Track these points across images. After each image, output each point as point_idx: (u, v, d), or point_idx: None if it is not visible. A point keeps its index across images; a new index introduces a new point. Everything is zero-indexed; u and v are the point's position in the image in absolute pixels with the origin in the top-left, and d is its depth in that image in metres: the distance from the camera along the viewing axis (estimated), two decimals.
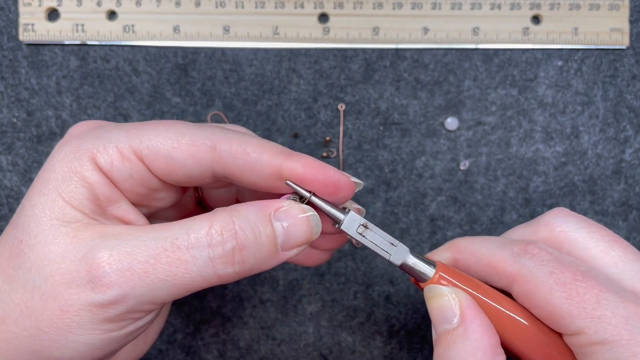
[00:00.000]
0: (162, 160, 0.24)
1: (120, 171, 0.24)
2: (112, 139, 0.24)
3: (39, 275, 0.22)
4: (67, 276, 0.22)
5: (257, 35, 0.40)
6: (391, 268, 0.41)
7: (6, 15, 0.40)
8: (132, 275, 0.22)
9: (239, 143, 0.24)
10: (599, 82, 0.41)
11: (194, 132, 0.24)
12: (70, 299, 0.22)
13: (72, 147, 0.24)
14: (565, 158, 0.41)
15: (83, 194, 0.23)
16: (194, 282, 0.22)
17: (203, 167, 0.24)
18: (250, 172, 0.24)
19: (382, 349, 0.41)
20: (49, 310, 0.22)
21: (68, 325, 0.22)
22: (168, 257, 0.22)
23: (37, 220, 0.23)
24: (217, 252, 0.22)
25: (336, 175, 0.25)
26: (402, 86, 0.41)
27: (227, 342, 0.41)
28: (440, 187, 0.41)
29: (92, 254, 0.22)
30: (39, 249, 0.23)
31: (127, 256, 0.22)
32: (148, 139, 0.24)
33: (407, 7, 0.41)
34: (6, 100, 0.40)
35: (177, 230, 0.23)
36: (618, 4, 0.41)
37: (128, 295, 0.22)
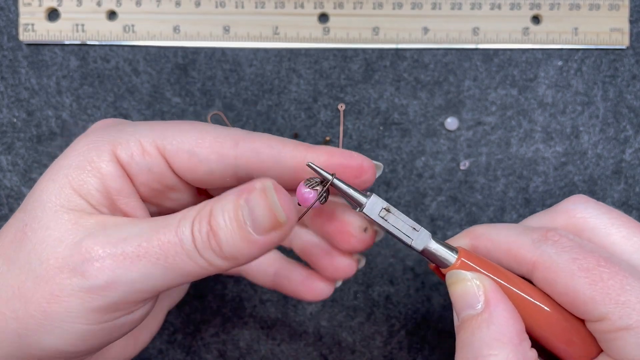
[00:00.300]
0: (185, 156, 0.24)
1: (139, 164, 0.24)
2: (136, 133, 0.24)
3: (36, 258, 0.22)
4: (61, 260, 0.22)
5: (257, 35, 0.40)
6: (391, 268, 0.41)
7: (6, 15, 0.41)
8: (125, 259, 0.21)
9: (261, 139, 0.24)
10: (599, 82, 0.41)
11: (217, 130, 0.24)
12: (62, 283, 0.22)
13: (93, 138, 0.24)
14: (565, 158, 0.41)
15: (92, 184, 0.23)
16: (186, 266, 0.22)
17: (226, 164, 0.24)
18: (275, 166, 0.24)
19: (382, 349, 0.41)
20: (39, 294, 0.22)
21: (56, 311, 0.22)
22: (160, 239, 0.22)
23: (43, 206, 0.23)
24: (197, 236, 0.22)
25: (359, 159, 0.25)
26: (402, 86, 0.41)
27: (227, 342, 0.41)
28: (440, 187, 0.41)
29: (88, 239, 0.22)
30: (41, 233, 0.23)
31: (121, 241, 0.22)
32: (172, 134, 0.24)
33: (407, 7, 0.41)
34: (6, 100, 0.40)
35: (174, 216, 0.23)
36: (618, 4, 0.41)
37: (119, 281, 0.22)
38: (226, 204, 0.22)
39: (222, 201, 0.22)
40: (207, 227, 0.22)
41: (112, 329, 0.23)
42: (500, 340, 0.23)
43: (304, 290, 0.30)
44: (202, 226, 0.22)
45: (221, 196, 0.23)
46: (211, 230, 0.22)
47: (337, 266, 0.28)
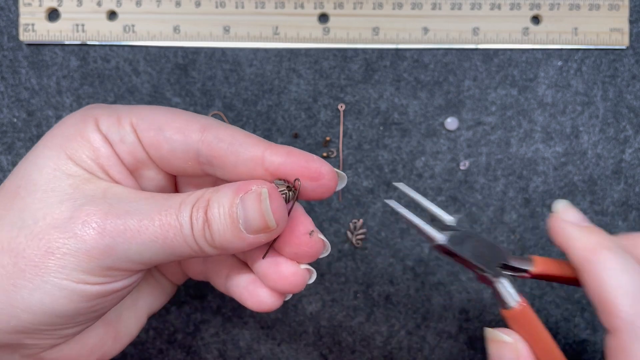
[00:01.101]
0: (152, 133, 0.25)
1: (113, 135, 0.25)
2: (117, 110, 0.26)
3: (30, 216, 0.23)
4: (60, 220, 0.23)
5: (257, 35, 0.40)
6: (391, 268, 0.41)
7: (6, 15, 0.41)
8: (126, 231, 0.23)
9: (227, 129, 0.25)
10: (599, 82, 0.41)
11: (190, 115, 0.26)
12: (59, 242, 0.23)
13: (80, 113, 0.26)
14: (565, 158, 0.41)
15: (86, 153, 0.25)
16: (181, 247, 0.24)
17: (189, 146, 0.25)
18: (234, 155, 0.25)
19: (382, 349, 0.41)
20: (31, 249, 0.23)
21: (48, 267, 0.22)
22: (161, 221, 0.23)
23: (40, 170, 0.24)
24: (194, 224, 0.23)
25: (317, 164, 0.25)
26: (402, 86, 0.41)
27: (227, 342, 0.41)
28: (440, 187, 0.41)
29: (90, 205, 0.23)
30: (37, 194, 0.24)
31: (124, 214, 0.23)
32: (146, 113, 0.26)
33: (407, 7, 0.41)
34: (6, 100, 0.40)
35: (174, 200, 0.24)
36: (618, 4, 0.41)
37: (117, 249, 0.23)
38: (223, 198, 0.23)
39: (219, 193, 0.24)
40: (203, 216, 0.23)
41: (99, 294, 0.24)
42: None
43: (247, 297, 0.28)
44: (199, 214, 0.23)
45: (220, 188, 0.24)
46: (206, 220, 0.23)
47: (282, 274, 0.27)
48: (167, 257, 0.24)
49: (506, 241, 0.41)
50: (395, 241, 0.41)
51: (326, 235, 0.40)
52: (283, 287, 0.27)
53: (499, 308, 0.27)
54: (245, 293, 0.28)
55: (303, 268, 0.27)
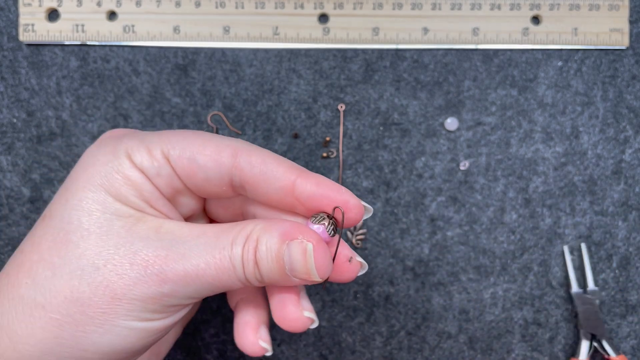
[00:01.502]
0: (186, 161, 0.25)
1: (150, 169, 0.25)
2: (145, 140, 0.26)
3: (90, 264, 0.23)
4: (121, 267, 0.23)
5: (257, 35, 0.40)
6: (391, 268, 0.41)
7: (6, 16, 0.41)
8: (186, 276, 0.24)
9: (259, 154, 0.25)
10: (599, 82, 0.41)
11: (219, 140, 0.26)
12: (123, 288, 0.23)
13: (111, 147, 0.26)
14: (565, 158, 0.41)
15: (129, 191, 0.25)
16: (233, 285, 0.25)
17: (222, 172, 0.25)
18: (265, 183, 0.25)
19: (382, 349, 0.41)
20: (97, 297, 0.23)
21: (116, 312, 0.23)
22: (216, 264, 0.24)
23: (89, 214, 0.24)
24: (246, 265, 0.24)
25: (346, 196, 0.26)
26: (402, 86, 0.41)
27: (227, 342, 0.41)
28: (440, 187, 0.41)
29: (148, 249, 0.24)
30: (92, 239, 0.24)
31: (181, 257, 0.24)
32: (176, 141, 0.25)
33: (407, 7, 0.41)
34: (6, 101, 0.40)
35: (224, 239, 0.25)
36: (618, 4, 0.41)
37: (178, 291, 0.24)
38: (270, 240, 0.24)
39: (267, 234, 0.24)
40: (253, 258, 0.24)
41: (165, 328, 0.25)
42: None
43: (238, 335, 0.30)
44: (249, 256, 0.24)
45: (267, 226, 0.25)
46: (255, 261, 0.24)
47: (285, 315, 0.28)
48: (221, 290, 0.25)
49: (506, 241, 0.41)
50: (395, 241, 0.41)
51: None
52: (284, 326, 0.29)
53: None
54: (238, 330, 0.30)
55: (306, 316, 0.28)
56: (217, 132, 0.40)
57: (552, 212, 0.41)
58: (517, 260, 0.41)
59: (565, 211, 0.41)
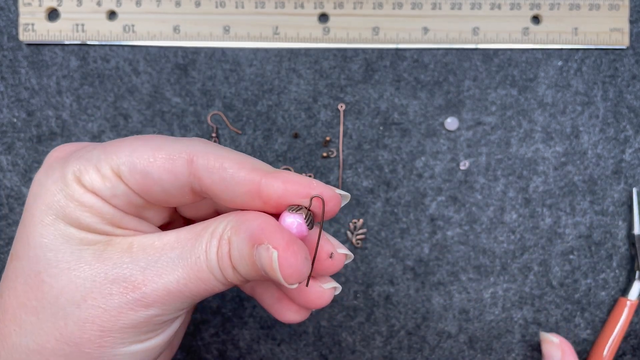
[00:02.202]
0: (139, 177, 0.23)
1: (103, 191, 0.23)
2: (92, 159, 0.23)
3: (69, 302, 0.22)
4: (102, 299, 0.22)
5: (257, 35, 0.40)
6: (391, 268, 0.41)
7: (6, 15, 0.41)
8: (169, 294, 0.23)
9: (216, 157, 0.23)
10: (599, 82, 0.41)
11: (171, 146, 0.23)
12: (110, 320, 0.22)
13: (58, 172, 0.24)
14: (565, 158, 0.41)
15: (88, 217, 0.23)
16: (220, 289, 0.24)
17: (180, 182, 0.23)
18: (228, 189, 0.23)
19: (382, 349, 0.41)
20: (88, 334, 0.22)
21: (111, 343, 0.23)
22: (196, 277, 0.23)
23: (55, 250, 0.23)
24: (225, 271, 0.23)
25: (320, 188, 0.24)
26: (402, 86, 0.41)
27: (227, 342, 0.41)
28: (440, 187, 0.41)
29: (124, 274, 0.22)
30: (64, 276, 0.22)
31: (159, 276, 0.23)
32: (124, 155, 0.23)
33: (407, 7, 0.41)
34: (6, 100, 0.40)
35: (198, 248, 0.23)
36: (618, 4, 0.41)
37: (166, 308, 0.23)
38: (241, 245, 0.23)
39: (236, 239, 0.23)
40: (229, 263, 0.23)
41: (165, 341, 0.25)
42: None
43: (275, 314, 0.29)
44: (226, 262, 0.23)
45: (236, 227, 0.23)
46: (232, 266, 0.23)
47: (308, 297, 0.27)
48: (210, 295, 0.24)
49: (506, 241, 0.41)
50: (395, 241, 0.41)
51: None
52: (311, 307, 0.27)
53: None
54: (273, 311, 0.29)
55: (327, 287, 0.26)
56: (217, 131, 0.40)
57: (552, 211, 0.41)
58: (517, 260, 0.41)
59: (566, 211, 0.41)
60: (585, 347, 0.41)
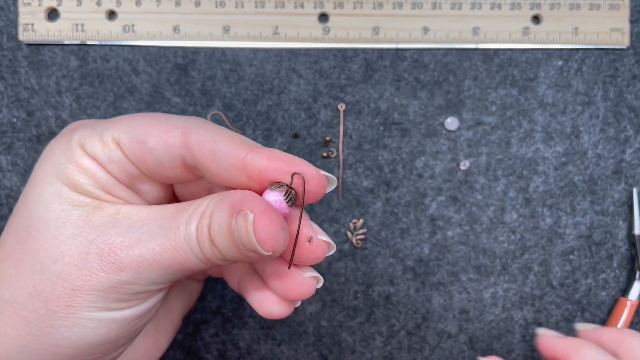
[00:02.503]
0: (135, 145, 0.24)
1: (101, 156, 0.24)
2: (97, 128, 0.25)
3: (48, 257, 0.23)
4: (78, 258, 0.23)
5: (257, 35, 0.40)
6: (391, 268, 0.41)
7: (6, 15, 0.40)
8: (143, 261, 0.23)
9: (209, 132, 0.24)
10: (599, 82, 0.41)
11: (168, 119, 0.25)
12: (81, 279, 0.23)
13: (64, 139, 0.25)
14: (565, 158, 0.41)
15: (84, 180, 0.24)
16: (196, 266, 0.24)
17: (173, 153, 0.24)
18: (216, 162, 0.24)
19: (382, 349, 0.41)
20: (58, 290, 0.23)
21: (79, 304, 0.23)
22: (172, 246, 0.23)
23: (46, 206, 0.24)
24: (202, 244, 0.23)
25: (302, 166, 0.24)
26: (402, 86, 0.41)
27: (227, 342, 0.41)
28: (440, 187, 0.41)
29: (104, 237, 0.23)
30: (49, 232, 0.23)
31: (136, 242, 0.23)
32: (126, 125, 0.25)
33: (407, 7, 0.41)
34: (6, 100, 0.40)
35: (180, 218, 0.24)
36: (618, 3, 0.41)
37: (139, 277, 0.23)
38: (221, 216, 0.23)
39: (218, 210, 0.23)
40: (208, 236, 0.23)
41: (135, 316, 0.25)
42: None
43: (257, 307, 0.28)
44: (205, 234, 0.23)
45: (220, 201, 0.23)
46: (211, 239, 0.23)
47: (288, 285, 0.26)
48: (188, 273, 0.24)
49: (506, 241, 0.41)
50: (395, 241, 0.41)
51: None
52: (291, 297, 0.27)
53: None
54: (255, 302, 0.28)
55: (308, 277, 0.26)
56: None
57: (553, 211, 0.41)
58: (517, 260, 0.41)
59: (566, 211, 0.41)
60: None
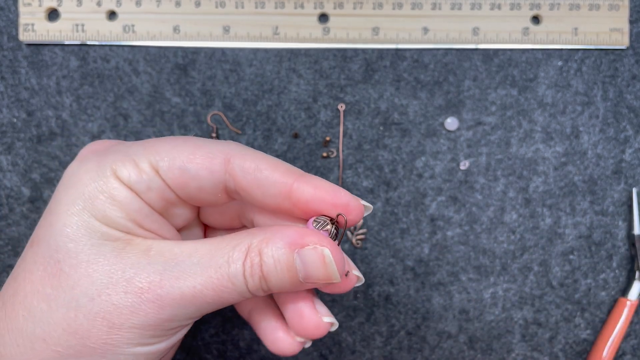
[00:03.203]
0: (177, 172, 0.24)
1: (139, 184, 0.24)
2: (130, 152, 0.24)
3: (83, 295, 0.23)
4: (116, 297, 0.22)
5: (257, 35, 0.40)
6: (391, 268, 0.41)
7: (6, 15, 0.41)
8: (183, 299, 0.23)
9: (253, 159, 0.24)
10: (599, 82, 0.41)
11: (209, 145, 0.25)
12: (121, 318, 0.22)
13: (94, 164, 0.24)
14: (565, 158, 0.41)
15: (115, 212, 0.24)
16: (234, 300, 0.24)
17: (216, 180, 0.24)
18: (261, 190, 0.24)
19: (382, 349, 0.41)
20: (96, 329, 0.22)
21: (117, 341, 0.23)
22: (213, 284, 0.23)
23: (76, 241, 0.23)
24: (249, 281, 0.23)
25: (346, 198, 0.25)
26: (402, 86, 0.41)
27: (227, 342, 0.41)
28: (440, 187, 0.41)
29: (142, 275, 0.23)
30: (82, 269, 0.23)
31: (176, 280, 0.23)
32: (164, 151, 0.24)
33: (407, 7, 0.41)
34: (6, 100, 0.40)
35: (220, 257, 0.23)
36: (618, 4, 0.41)
37: (178, 315, 0.23)
38: (278, 252, 0.23)
39: (271, 246, 0.23)
40: (259, 273, 0.23)
41: (169, 346, 0.25)
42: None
43: (270, 344, 0.29)
44: (255, 271, 0.23)
45: (268, 238, 0.24)
46: (262, 275, 0.23)
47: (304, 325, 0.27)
48: (222, 307, 0.24)
49: (506, 241, 0.41)
50: (395, 241, 0.41)
51: None
52: (304, 335, 0.28)
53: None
54: (267, 339, 0.29)
55: (326, 321, 0.27)
56: (217, 131, 0.40)
57: (552, 212, 0.41)
58: (517, 260, 0.41)
59: (566, 211, 0.41)
60: (586, 347, 0.41)
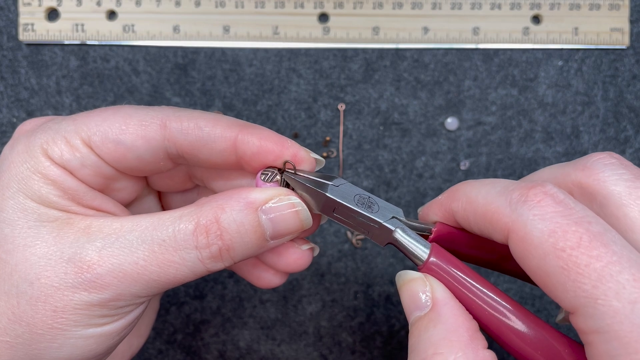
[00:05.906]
0: (111, 146, 0.23)
1: (72, 162, 0.23)
2: (60, 130, 0.23)
3: (23, 280, 0.22)
4: (55, 278, 0.22)
5: (257, 35, 0.40)
6: (391, 268, 0.41)
7: (6, 15, 0.40)
8: (125, 276, 0.22)
9: (190, 118, 0.23)
10: (599, 82, 0.41)
11: (141, 112, 0.23)
12: (63, 300, 0.22)
13: (23, 145, 0.23)
14: (566, 158, 0.41)
15: (50, 191, 0.23)
16: (185, 278, 0.23)
17: (154, 148, 0.23)
18: (204, 148, 0.23)
19: (382, 349, 0.41)
20: (40, 314, 0.22)
21: (64, 325, 0.22)
22: (158, 259, 0.22)
23: (12, 225, 0.22)
24: (204, 253, 0.22)
25: (294, 149, 0.24)
26: (402, 86, 0.41)
27: (227, 342, 0.41)
28: (440, 187, 0.41)
29: (80, 255, 0.22)
30: (19, 253, 0.22)
31: (116, 257, 0.22)
32: (95, 124, 0.23)
33: (407, 7, 0.41)
34: (6, 100, 0.40)
35: (163, 229, 0.22)
36: (618, 3, 0.41)
37: (123, 293, 0.22)
38: (238, 215, 0.22)
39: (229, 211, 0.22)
40: (219, 244, 0.22)
41: (119, 328, 0.24)
42: (448, 339, 0.20)
43: (254, 280, 0.28)
44: (212, 242, 0.22)
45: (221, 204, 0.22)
46: (224, 245, 0.22)
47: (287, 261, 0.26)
48: (171, 286, 0.23)
49: None
50: None
51: (326, 235, 0.40)
52: (290, 270, 0.27)
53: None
54: (253, 277, 0.28)
55: (305, 249, 0.26)
56: None
57: None
58: None
59: None
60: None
